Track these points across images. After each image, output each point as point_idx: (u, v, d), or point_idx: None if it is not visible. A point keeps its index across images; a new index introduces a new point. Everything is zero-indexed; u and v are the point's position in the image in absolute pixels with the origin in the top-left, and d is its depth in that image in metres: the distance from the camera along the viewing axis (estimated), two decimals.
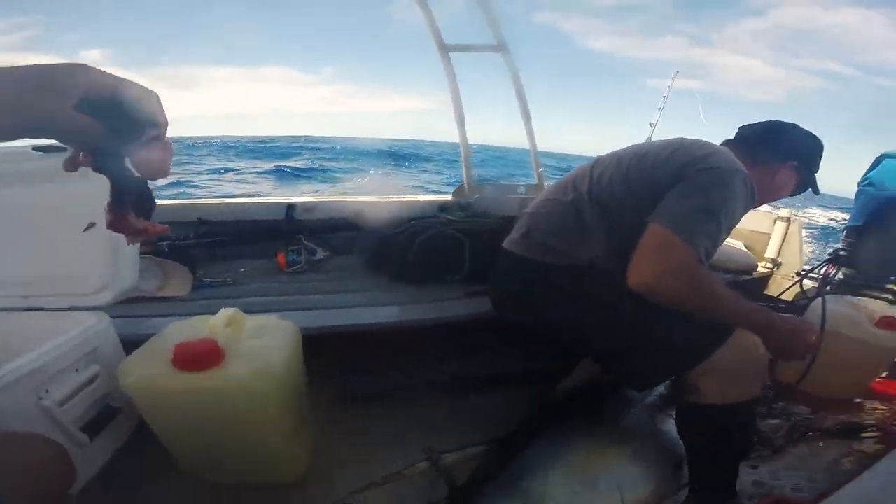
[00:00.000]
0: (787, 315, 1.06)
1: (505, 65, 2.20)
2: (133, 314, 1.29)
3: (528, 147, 2.15)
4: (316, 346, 1.17)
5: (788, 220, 2.31)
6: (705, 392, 1.01)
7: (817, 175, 1.23)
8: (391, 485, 1.16)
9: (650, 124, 3.68)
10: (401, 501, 1.14)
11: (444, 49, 2.25)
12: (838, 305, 1.74)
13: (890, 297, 1.88)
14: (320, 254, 1.83)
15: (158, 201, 0.45)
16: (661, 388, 1.49)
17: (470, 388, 1.54)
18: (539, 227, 1.16)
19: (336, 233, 1.96)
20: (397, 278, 1.73)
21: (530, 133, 2.10)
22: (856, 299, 1.77)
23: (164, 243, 1.63)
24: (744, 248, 2.31)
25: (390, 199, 2.12)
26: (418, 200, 2.20)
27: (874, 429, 1.52)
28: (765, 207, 2.37)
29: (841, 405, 1.66)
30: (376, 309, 1.49)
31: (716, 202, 0.95)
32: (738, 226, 2.65)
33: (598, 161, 1.17)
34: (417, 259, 1.71)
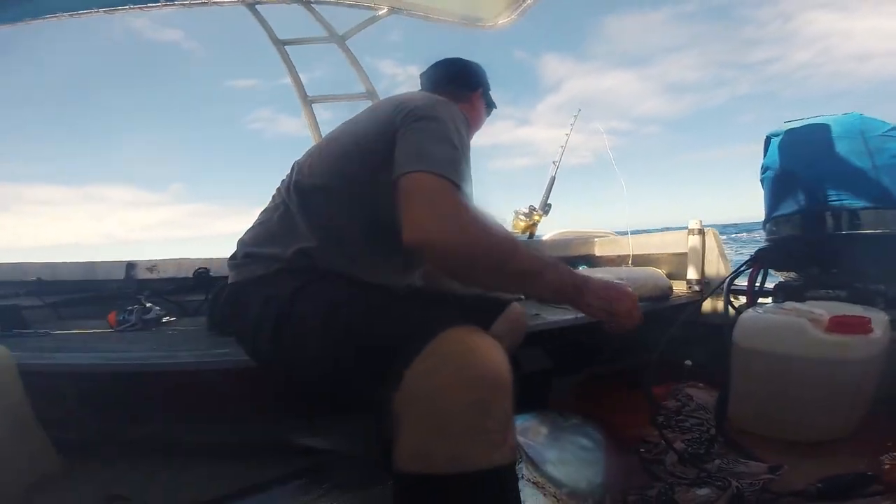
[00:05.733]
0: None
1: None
2: None
3: None
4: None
5: (701, 231, 2.01)
6: (402, 447, 0.60)
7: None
8: None
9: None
10: None
11: (308, 101, 2.56)
12: (775, 316, 1.35)
13: (843, 292, 1.53)
14: (155, 313, 1.72)
15: None
16: None
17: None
18: (243, 243, 0.99)
19: (181, 293, 1.86)
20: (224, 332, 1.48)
21: None
22: (797, 305, 1.39)
23: None
24: (652, 270, 1.97)
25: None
26: None
27: (873, 481, 1.03)
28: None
29: (819, 451, 1.18)
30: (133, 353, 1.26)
31: (444, 131, 0.83)
32: (653, 252, 2.23)
33: (298, 161, 1.03)
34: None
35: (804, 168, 1.66)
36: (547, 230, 2.84)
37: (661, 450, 1.24)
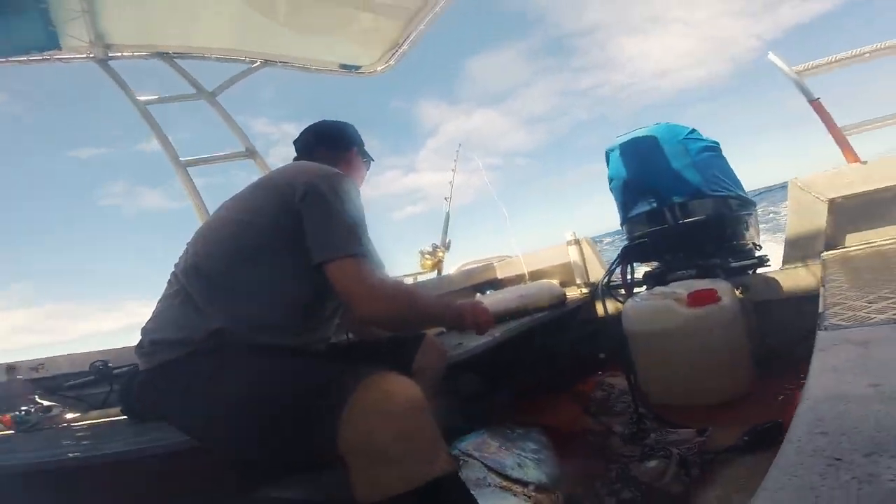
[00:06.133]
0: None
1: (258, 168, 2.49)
2: None
3: None
4: None
5: (576, 241, 2.32)
6: (357, 485, 0.72)
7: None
8: None
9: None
10: None
11: (182, 165, 2.36)
12: (649, 301, 1.61)
13: (693, 271, 1.86)
14: (57, 410, 1.60)
15: None
16: None
17: None
18: (148, 332, 0.97)
19: (82, 388, 1.71)
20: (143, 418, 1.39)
21: None
22: (663, 288, 1.67)
23: None
24: (546, 282, 2.21)
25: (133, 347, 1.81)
26: None
27: (782, 427, 1.26)
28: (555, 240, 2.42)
29: (727, 411, 1.41)
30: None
31: (345, 210, 0.95)
32: (543, 266, 2.44)
33: (190, 243, 1.06)
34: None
35: (638, 174, 2.03)
36: (451, 264, 2.98)
37: (604, 435, 1.38)
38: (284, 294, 0.96)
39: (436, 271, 2.81)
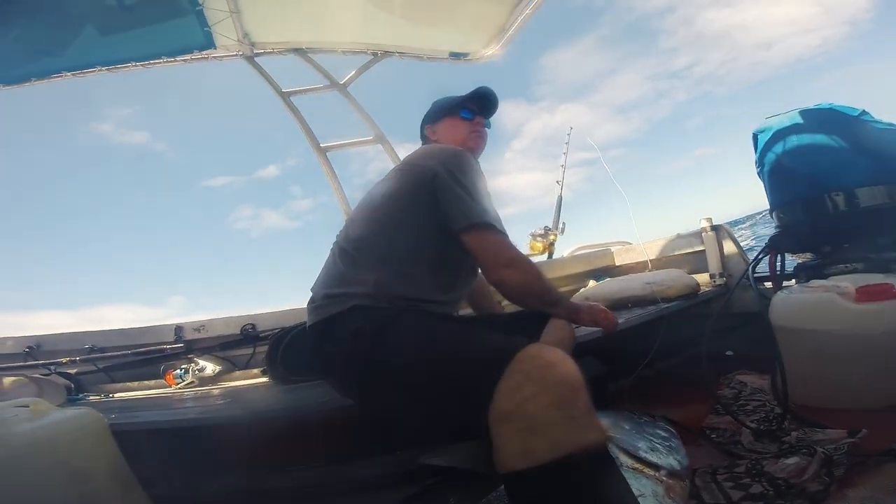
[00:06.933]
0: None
1: (386, 154, 2.70)
2: None
3: None
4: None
5: (714, 228, 2.14)
6: (503, 452, 0.72)
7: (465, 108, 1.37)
8: None
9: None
10: None
11: (321, 150, 2.65)
12: (805, 295, 1.46)
13: (859, 265, 1.65)
14: (210, 369, 1.88)
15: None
16: None
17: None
18: (317, 288, 1.13)
19: (230, 349, 1.97)
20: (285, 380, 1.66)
21: None
22: (822, 282, 1.51)
23: (53, 367, 1.81)
24: (675, 271, 2.09)
25: (286, 309, 2.12)
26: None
27: None
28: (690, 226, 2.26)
29: (887, 416, 1.25)
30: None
31: (471, 185, 1.08)
32: (670, 254, 2.37)
33: (348, 219, 1.24)
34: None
35: (796, 158, 1.82)
36: (563, 248, 2.94)
37: (732, 433, 1.32)
38: (426, 255, 1.09)
39: (546, 254, 2.78)
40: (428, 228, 1.09)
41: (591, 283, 2.41)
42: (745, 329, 1.82)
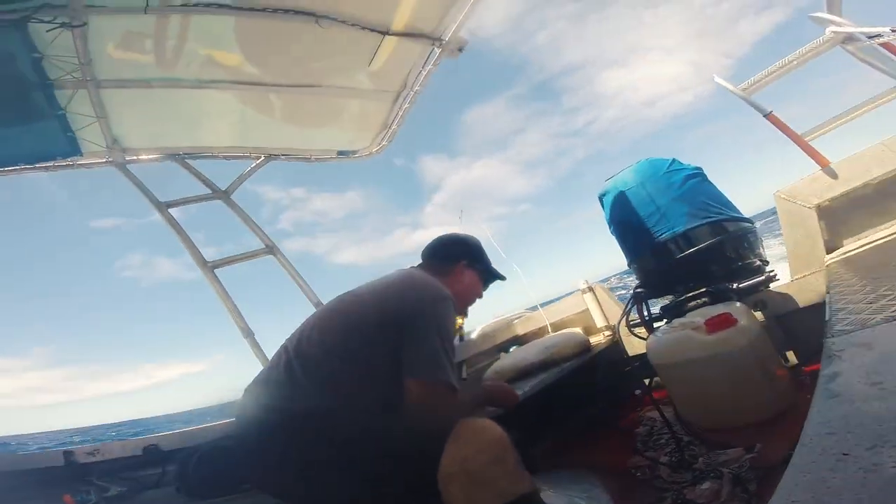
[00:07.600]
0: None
1: (279, 264, 2.67)
2: None
3: None
4: None
5: (590, 288, 2.39)
6: None
7: (493, 266, 1.43)
8: None
9: None
10: None
11: (208, 267, 2.46)
12: (669, 334, 1.66)
13: (706, 298, 1.91)
14: (114, 490, 1.84)
15: None
16: None
17: None
18: (251, 392, 1.10)
19: (134, 470, 1.97)
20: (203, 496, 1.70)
21: None
22: (681, 319, 1.72)
23: None
24: (569, 331, 2.26)
25: (182, 432, 2.17)
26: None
27: None
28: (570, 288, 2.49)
29: (771, 427, 1.40)
30: None
31: (441, 336, 1.06)
32: (563, 316, 2.52)
33: (301, 327, 1.17)
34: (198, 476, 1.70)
35: (633, 214, 2.13)
36: (471, 327, 3.03)
37: (652, 468, 1.39)
38: (373, 386, 1.05)
39: (458, 337, 2.85)
40: (381, 362, 1.06)
41: (502, 355, 2.49)
42: (638, 371, 1.99)
